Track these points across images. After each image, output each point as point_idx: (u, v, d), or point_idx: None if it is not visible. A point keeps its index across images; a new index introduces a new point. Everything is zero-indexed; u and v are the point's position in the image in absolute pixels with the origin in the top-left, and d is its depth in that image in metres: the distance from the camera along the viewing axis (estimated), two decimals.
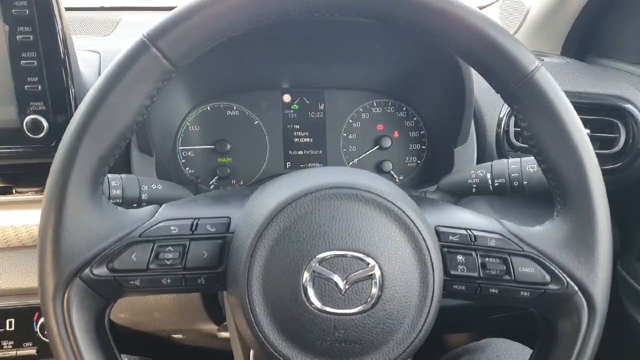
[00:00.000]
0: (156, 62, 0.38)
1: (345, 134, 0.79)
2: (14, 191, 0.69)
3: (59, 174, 0.38)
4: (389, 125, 0.79)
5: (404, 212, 0.39)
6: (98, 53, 0.75)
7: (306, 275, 0.37)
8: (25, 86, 0.58)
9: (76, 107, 0.61)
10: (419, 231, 0.39)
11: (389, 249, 0.38)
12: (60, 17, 0.59)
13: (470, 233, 0.42)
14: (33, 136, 0.58)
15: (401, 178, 0.79)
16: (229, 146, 0.76)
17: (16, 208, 0.71)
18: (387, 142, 0.78)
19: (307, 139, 0.79)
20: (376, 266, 0.37)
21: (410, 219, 0.39)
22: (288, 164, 0.79)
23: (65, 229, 0.38)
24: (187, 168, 0.76)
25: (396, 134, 0.79)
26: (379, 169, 0.79)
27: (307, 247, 0.37)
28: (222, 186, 0.77)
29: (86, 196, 0.39)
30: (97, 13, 1.04)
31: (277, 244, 0.38)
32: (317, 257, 0.37)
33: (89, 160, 0.38)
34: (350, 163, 0.79)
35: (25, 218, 0.71)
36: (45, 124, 0.58)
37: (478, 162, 0.72)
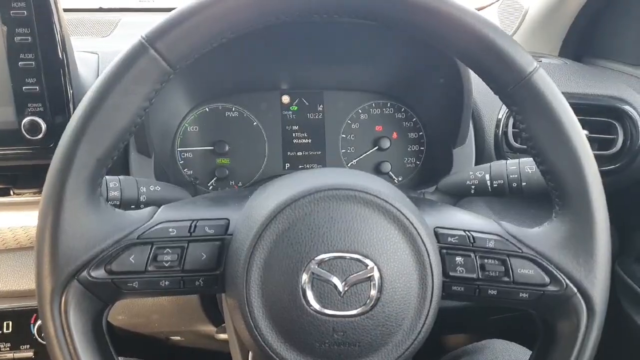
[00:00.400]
0: (155, 64, 0.38)
1: (344, 135, 0.79)
2: (11, 192, 0.69)
3: (56, 176, 0.38)
4: (388, 127, 0.79)
5: (402, 213, 0.39)
6: (97, 54, 0.74)
7: (305, 277, 0.37)
8: (23, 87, 0.58)
9: (74, 109, 0.60)
10: (418, 233, 0.39)
11: (387, 250, 0.38)
12: (59, 19, 0.59)
13: (469, 234, 0.42)
14: (31, 137, 0.58)
15: (400, 179, 0.79)
16: (227, 147, 0.76)
17: (14, 209, 0.71)
18: (385, 143, 0.78)
19: (306, 140, 0.79)
20: (375, 268, 0.37)
21: (409, 221, 0.39)
22: (287, 165, 0.79)
23: (62, 231, 0.38)
24: (186, 169, 0.76)
25: (395, 135, 0.79)
26: (377, 170, 0.79)
27: (305, 249, 0.37)
28: (221, 187, 0.77)
29: (84, 198, 0.39)
30: (95, 14, 1.04)
31: (275, 246, 0.38)
32: (316, 258, 0.37)
33: (87, 162, 0.38)
34: (349, 164, 0.79)
35: (22, 219, 0.71)
36: (43, 125, 0.58)
37: (477, 163, 0.72)
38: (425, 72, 0.73)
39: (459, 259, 0.41)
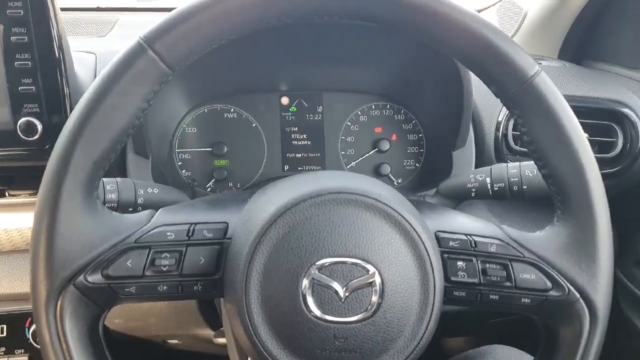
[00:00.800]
0: (153, 65, 0.38)
1: (343, 137, 0.79)
2: (6, 194, 0.68)
3: (52, 178, 0.37)
4: (388, 128, 0.79)
5: (404, 217, 0.38)
6: (94, 54, 0.74)
7: (305, 282, 0.36)
8: (19, 88, 0.57)
9: (71, 109, 0.60)
10: (419, 237, 0.38)
11: (389, 255, 0.37)
12: (56, 18, 0.58)
13: (471, 239, 0.42)
14: (27, 138, 0.58)
15: (399, 181, 0.79)
16: (226, 149, 0.75)
17: (9, 211, 0.70)
18: (385, 145, 0.77)
19: (305, 142, 0.78)
20: (376, 273, 0.37)
21: (411, 225, 0.38)
22: (286, 167, 0.78)
23: (58, 234, 0.37)
24: (184, 171, 0.76)
25: (394, 137, 0.79)
26: (377, 172, 0.78)
27: (306, 254, 0.37)
28: (219, 189, 0.76)
29: (80, 201, 0.38)
30: (93, 14, 1.03)
31: (275, 251, 0.37)
32: (317, 263, 0.37)
33: (84, 164, 0.38)
34: (349, 166, 0.79)
35: (18, 221, 0.71)
36: (39, 126, 0.57)
37: (477, 166, 0.72)
38: (425, 74, 0.73)
39: (460, 263, 0.41)
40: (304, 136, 0.78)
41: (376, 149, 0.78)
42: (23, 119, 0.57)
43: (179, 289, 0.40)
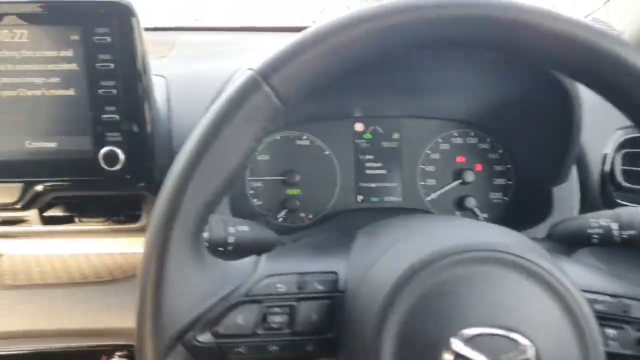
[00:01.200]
0: (268, 101, 0.34)
1: (422, 166, 0.74)
2: (76, 220, 0.66)
3: (161, 223, 0.34)
4: (471, 158, 0.73)
5: (559, 281, 0.33)
6: (164, 77, 0.72)
7: (447, 357, 0.31)
8: (103, 116, 0.55)
9: (153, 138, 0.57)
10: (577, 303, 0.33)
11: (543, 326, 0.32)
12: (141, 42, 0.56)
13: (621, 301, 0.36)
14: (108, 169, 0.55)
15: (485, 216, 0.73)
16: (298, 177, 0.72)
17: (77, 237, 0.68)
18: (469, 177, 0.72)
19: (381, 171, 0.74)
20: (530, 347, 0.31)
21: (568, 290, 0.33)
22: (360, 197, 0.74)
23: (167, 287, 0.33)
24: (255, 200, 0.72)
25: (478, 167, 0.73)
26: (460, 205, 0.73)
27: (447, 322, 0.32)
28: (291, 220, 0.72)
29: (189, 249, 0.34)
30: (151, 34, 1.03)
31: (410, 316, 0.32)
32: (460, 334, 0.31)
33: (194, 209, 0.34)
34: (429, 197, 0.73)
35: (86, 248, 0.69)
36: (121, 156, 0.55)
37: (581, 204, 0.65)
38: (517, 102, 0.67)
39: (610, 331, 0.35)
40: (380, 165, 0.74)
41: (459, 180, 0.72)
42: (105, 149, 0.55)
43: (291, 349, 0.36)
